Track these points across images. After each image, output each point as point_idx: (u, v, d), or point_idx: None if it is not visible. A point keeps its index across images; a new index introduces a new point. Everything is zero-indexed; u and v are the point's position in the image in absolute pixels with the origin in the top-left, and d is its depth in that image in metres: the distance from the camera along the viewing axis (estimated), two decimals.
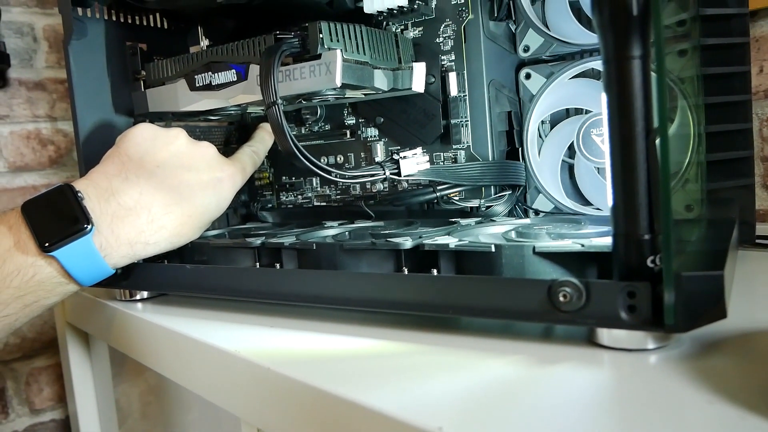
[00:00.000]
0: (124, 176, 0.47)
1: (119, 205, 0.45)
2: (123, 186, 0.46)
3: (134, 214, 0.45)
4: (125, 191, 0.46)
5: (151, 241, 0.46)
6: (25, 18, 0.88)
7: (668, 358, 0.30)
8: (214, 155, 0.51)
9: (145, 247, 0.46)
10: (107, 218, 0.44)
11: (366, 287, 0.40)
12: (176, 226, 0.47)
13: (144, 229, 0.46)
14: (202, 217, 0.49)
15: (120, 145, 0.49)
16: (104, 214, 0.44)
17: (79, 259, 0.43)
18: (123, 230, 0.45)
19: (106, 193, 0.45)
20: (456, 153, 0.56)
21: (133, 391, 0.79)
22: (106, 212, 0.45)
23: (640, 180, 0.30)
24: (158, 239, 0.47)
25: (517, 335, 0.36)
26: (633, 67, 0.30)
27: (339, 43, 0.46)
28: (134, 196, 0.46)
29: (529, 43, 0.55)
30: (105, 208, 0.45)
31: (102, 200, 0.45)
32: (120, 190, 0.46)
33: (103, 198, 0.45)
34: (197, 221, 0.49)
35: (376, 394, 0.29)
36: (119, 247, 0.45)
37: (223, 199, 0.51)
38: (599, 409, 0.26)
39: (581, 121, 0.53)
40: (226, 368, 0.39)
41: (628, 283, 0.30)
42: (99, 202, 0.45)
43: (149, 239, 0.46)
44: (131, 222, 0.45)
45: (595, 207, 0.55)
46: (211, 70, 0.51)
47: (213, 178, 0.49)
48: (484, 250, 0.39)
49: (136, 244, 0.46)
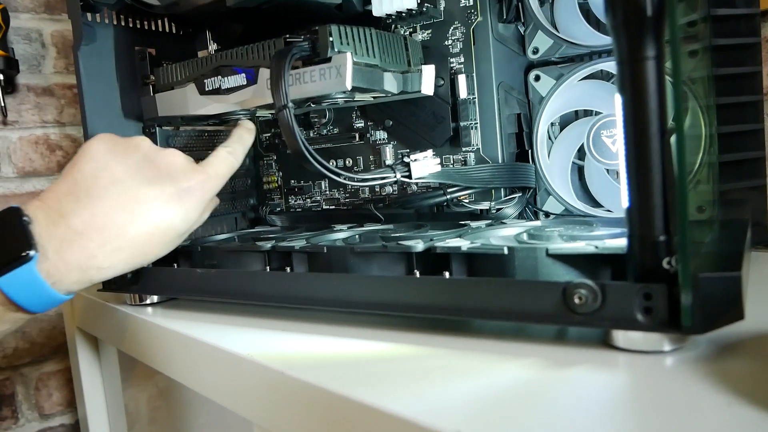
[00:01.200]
0: (75, 196, 0.43)
1: (68, 229, 0.42)
2: (73, 207, 0.43)
3: (85, 238, 0.42)
4: (75, 213, 0.43)
5: (105, 265, 0.43)
6: (33, 24, 0.88)
7: (685, 360, 0.30)
8: (180, 164, 0.47)
9: (99, 271, 0.43)
10: (55, 243, 0.41)
11: (378, 290, 0.39)
12: (134, 248, 0.44)
13: (95, 254, 0.42)
14: (167, 233, 0.46)
15: (75, 160, 0.45)
16: (52, 239, 0.41)
17: (23, 287, 0.40)
18: (72, 256, 0.42)
19: (55, 216, 0.42)
20: (465, 155, 0.56)
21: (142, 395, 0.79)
22: (54, 237, 0.41)
23: (656, 181, 0.30)
24: (113, 262, 0.43)
25: (531, 338, 0.36)
26: (647, 68, 0.30)
27: (349, 46, 0.46)
28: (84, 218, 0.42)
29: (538, 45, 0.55)
30: (53, 232, 0.42)
31: (50, 224, 0.42)
32: (69, 212, 0.42)
33: (52, 221, 0.42)
34: (161, 239, 0.45)
35: (391, 398, 0.29)
36: (69, 273, 0.42)
37: (191, 210, 0.47)
38: (616, 412, 0.26)
39: (591, 122, 0.53)
40: (238, 372, 0.39)
41: (644, 285, 0.30)
42: (47, 226, 0.42)
43: (102, 263, 0.43)
44: (81, 246, 0.42)
45: (605, 209, 0.55)
46: (221, 74, 0.51)
47: (177, 189, 0.46)
48: (497, 252, 0.39)
49: (89, 270, 0.42)
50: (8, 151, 0.87)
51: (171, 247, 0.47)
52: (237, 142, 0.53)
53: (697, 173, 0.44)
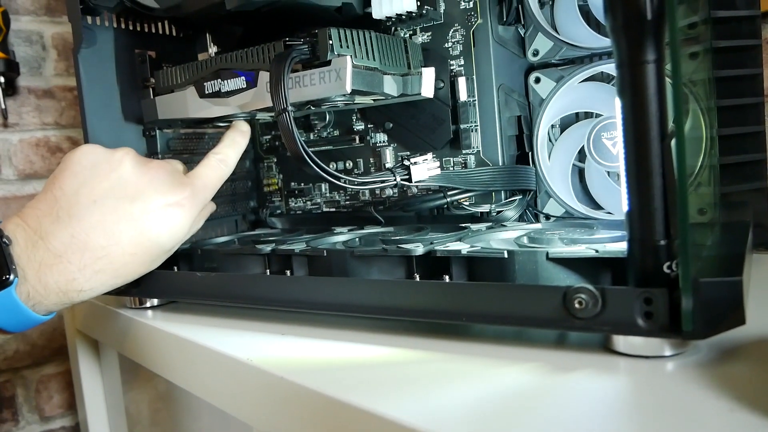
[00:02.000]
0: (55, 215, 0.42)
1: (48, 251, 0.41)
2: (52, 228, 0.41)
3: (64, 261, 0.41)
4: (54, 234, 0.41)
5: (86, 288, 0.42)
6: (34, 26, 0.88)
7: (686, 365, 0.30)
8: (165, 177, 0.46)
9: (80, 294, 0.42)
10: (35, 266, 0.40)
11: (378, 294, 0.39)
12: (116, 268, 0.43)
13: (76, 277, 0.41)
14: (152, 251, 0.44)
15: (56, 175, 0.44)
16: (31, 262, 0.40)
17: (2, 310, 0.39)
18: (51, 279, 0.41)
19: (35, 237, 0.41)
20: (466, 158, 0.55)
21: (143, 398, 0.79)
22: (33, 259, 0.40)
23: (656, 185, 0.30)
24: (94, 285, 0.42)
25: (531, 342, 0.36)
26: (647, 72, 0.30)
27: (349, 49, 0.46)
28: (64, 239, 0.41)
29: (538, 47, 0.55)
30: (32, 254, 0.41)
31: (30, 245, 0.41)
32: (49, 233, 0.41)
33: (31, 242, 0.41)
34: (146, 257, 0.44)
35: (391, 403, 0.29)
36: (49, 295, 0.41)
37: (178, 226, 0.45)
38: (617, 417, 0.26)
39: (592, 124, 0.53)
40: (237, 376, 0.39)
41: (645, 290, 0.30)
42: (26, 248, 0.41)
43: (83, 286, 0.42)
44: (60, 270, 0.41)
45: (606, 211, 0.55)
46: (221, 77, 0.51)
47: (163, 204, 0.44)
48: (497, 256, 0.39)
49: (69, 292, 0.41)
50: (9, 153, 0.87)
51: (157, 263, 0.46)
52: (229, 146, 0.51)
53: (698, 176, 0.44)
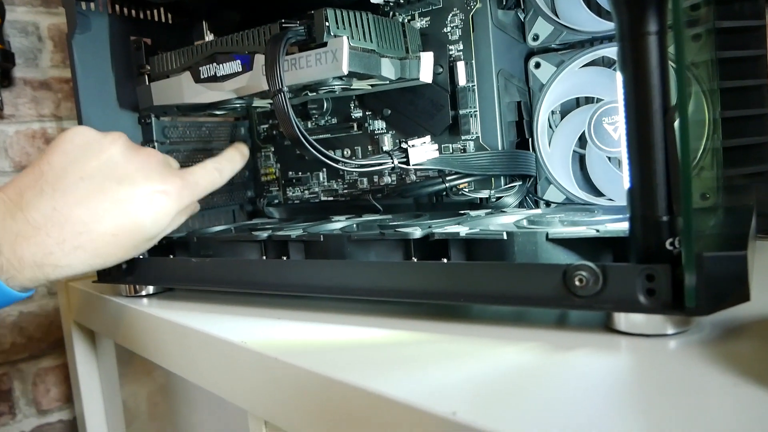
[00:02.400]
0: (39, 189, 0.41)
1: (26, 222, 0.40)
2: (35, 200, 0.41)
3: (42, 233, 0.40)
4: (36, 206, 0.41)
5: (63, 263, 0.41)
6: (29, 17, 0.88)
7: (689, 343, 0.29)
8: (157, 165, 0.45)
9: (55, 269, 0.41)
10: (10, 237, 0.40)
11: (375, 276, 0.39)
12: (97, 248, 0.42)
13: (53, 251, 0.40)
14: (134, 235, 0.44)
15: (46, 152, 0.44)
16: (7, 233, 0.40)
17: None
18: (27, 251, 0.40)
19: (15, 208, 0.40)
20: (465, 144, 0.55)
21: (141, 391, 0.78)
22: (10, 231, 0.40)
23: (658, 160, 0.29)
24: (72, 262, 0.41)
25: (532, 323, 0.35)
26: (649, 44, 0.29)
27: (345, 30, 0.45)
28: (45, 212, 0.41)
29: (538, 32, 0.54)
30: (10, 225, 0.40)
31: (8, 216, 0.40)
32: (30, 205, 0.41)
33: (9, 214, 0.40)
34: (128, 240, 0.43)
35: (387, 382, 0.28)
36: (23, 269, 0.40)
37: (162, 215, 0.45)
38: (618, 394, 0.25)
39: (593, 109, 0.52)
40: (232, 360, 0.38)
41: (647, 266, 0.29)
42: (4, 219, 0.40)
43: (59, 261, 0.41)
44: (38, 242, 0.40)
45: (607, 198, 0.54)
46: (216, 62, 0.51)
47: (151, 190, 0.44)
48: (496, 237, 0.38)
49: (45, 266, 0.40)
50: (5, 145, 0.87)
51: (137, 251, 0.45)
52: (227, 160, 0.52)
53: (701, 159, 0.44)
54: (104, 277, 0.54)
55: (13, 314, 0.88)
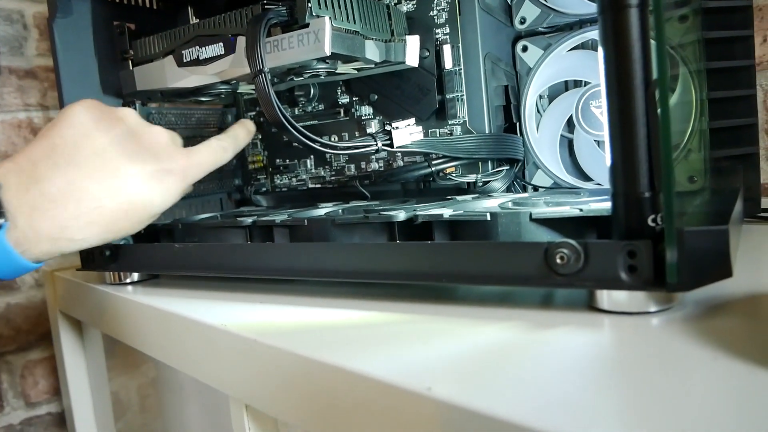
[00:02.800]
0: (53, 162, 0.41)
1: (42, 196, 0.40)
2: (49, 173, 0.41)
3: (59, 207, 0.40)
4: (50, 179, 0.40)
5: (78, 237, 0.41)
6: (14, 5, 0.87)
7: (670, 320, 0.29)
8: (165, 143, 0.46)
9: (70, 243, 0.41)
10: (26, 210, 0.40)
11: (359, 258, 0.38)
12: (109, 222, 0.42)
13: (68, 224, 0.41)
14: (142, 211, 0.44)
15: (56, 123, 0.43)
16: (22, 206, 0.39)
17: None
18: (43, 224, 0.40)
19: (29, 181, 0.40)
20: (452, 128, 0.54)
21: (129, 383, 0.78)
22: (25, 203, 0.40)
23: (640, 135, 0.29)
24: (86, 235, 0.42)
25: (515, 303, 0.35)
26: (630, 16, 0.29)
27: (328, 10, 0.44)
28: (60, 185, 0.41)
29: (525, 15, 0.54)
30: (24, 198, 0.40)
31: (22, 189, 0.40)
32: (45, 178, 0.40)
33: (24, 187, 0.40)
34: (136, 216, 0.44)
35: (365, 360, 0.28)
36: (39, 242, 0.40)
37: (169, 192, 0.45)
38: (598, 370, 0.25)
39: (580, 93, 0.52)
40: (213, 344, 0.38)
41: (629, 243, 0.29)
42: (18, 192, 0.40)
43: (74, 235, 0.41)
44: (54, 216, 0.40)
45: (595, 182, 0.54)
46: (199, 45, 0.50)
47: (159, 168, 0.44)
48: (479, 218, 0.38)
49: (59, 240, 0.41)
50: None
51: (143, 225, 0.45)
52: (231, 138, 0.51)
53: (689, 141, 0.43)
54: (88, 264, 0.54)
55: (0, 306, 0.87)
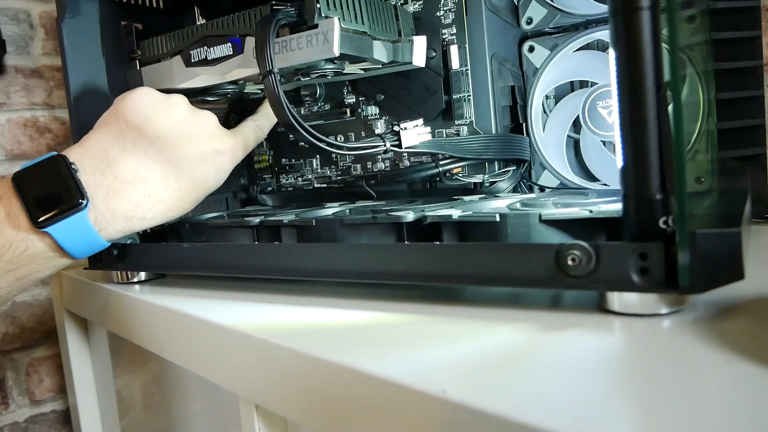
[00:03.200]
0: (121, 145, 0.44)
1: (115, 178, 0.43)
2: (120, 156, 0.44)
3: (131, 188, 0.44)
4: (122, 162, 0.44)
5: (148, 216, 0.45)
6: (21, 4, 0.87)
7: (682, 322, 0.29)
8: (215, 126, 0.49)
9: (142, 221, 0.45)
10: (102, 191, 0.43)
11: (368, 258, 0.38)
12: (174, 201, 0.46)
13: (141, 204, 0.44)
14: (200, 190, 0.47)
15: (118, 110, 0.46)
16: (99, 187, 0.43)
17: (74, 234, 0.42)
18: (119, 205, 0.43)
19: (102, 164, 0.43)
20: (459, 128, 0.54)
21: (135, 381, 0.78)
22: (101, 185, 0.43)
23: (651, 137, 0.29)
24: (155, 214, 0.45)
25: (525, 304, 0.35)
26: (642, 19, 0.29)
27: (337, 11, 0.44)
28: (131, 167, 0.44)
29: (532, 15, 0.54)
30: (100, 180, 0.43)
31: (97, 172, 0.43)
32: (117, 161, 0.44)
33: (98, 170, 0.43)
34: (194, 194, 0.47)
35: (377, 362, 0.28)
36: (115, 221, 0.43)
37: (221, 171, 0.48)
38: (611, 372, 0.25)
39: (587, 94, 0.52)
40: (222, 344, 0.38)
41: (640, 244, 0.29)
42: (94, 175, 0.43)
43: (146, 214, 0.44)
44: (128, 196, 0.43)
45: (602, 183, 0.54)
46: (207, 45, 0.50)
47: (212, 149, 0.47)
48: (489, 220, 0.38)
49: (132, 219, 0.44)
50: None
51: (198, 202, 0.49)
52: (264, 116, 0.55)
53: (696, 142, 0.43)
54: (96, 263, 0.54)
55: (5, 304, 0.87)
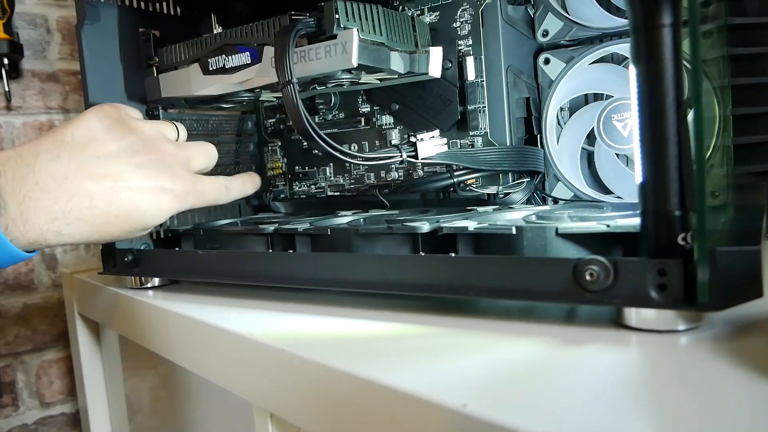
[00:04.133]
0: (55, 155, 0.42)
1: (36, 184, 0.41)
2: (49, 165, 0.41)
3: (50, 199, 0.41)
4: (49, 171, 0.41)
5: (65, 232, 0.42)
6: (38, 9, 0.88)
7: (701, 339, 0.29)
8: (173, 163, 0.46)
9: (58, 236, 0.42)
10: (18, 198, 0.40)
11: (383, 269, 0.39)
12: (98, 224, 0.43)
13: (59, 217, 0.41)
14: (134, 222, 0.45)
15: (71, 122, 0.44)
16: (16, 193, 0.40)
17: None
18: (33, 213, 0.40)
19: (26, 170, 0.41)
20: (473, 139, 0.55)
21: (144, 384, 0.78)
22: (18, 191, 0.40)
23: (671, 153, 0.29)
24: (73, 232, 0.42)
25: (541, 318, 0.35)
26: (663, 36, 0.29)
27: (355, 22, 0.45)
28: (57, 177, 0.41)
29: (548, 28, 0.54)
30: (19, 186, 0.40)
31: (18, 177, 0.40)
32: (43, 168, 0.41)
33: (20, 175, 0.40)
34: (126, 225, 0.45)
35: (395, 374, 0.28)
36: (27, 231, 0.41)
37: (162, 211, 0.46)
38: (630, 388, 0.25)
39: (602, 106, 0.52)
40: (238, 352, 0.38)
41: (659, 261, 0.29)
42: (13, 179, 0.40)
43: (62, 229, 0.42)
44: (45, 207, 0.41)
45: (616, 195, 0.54)
46: (225, 53, 0.50)
47: (159, 186, 0.45)
48: (505, 232, 0.38)
49: (47, 232, 0.41)
50: (12, 136, 0.87)
51: (132, 235, 0.46)
52: (239, 183, 0.53)
53: (712, 157, 0.43)
54: (110, 268, 0.54)
55: (17, 306, 0.88)
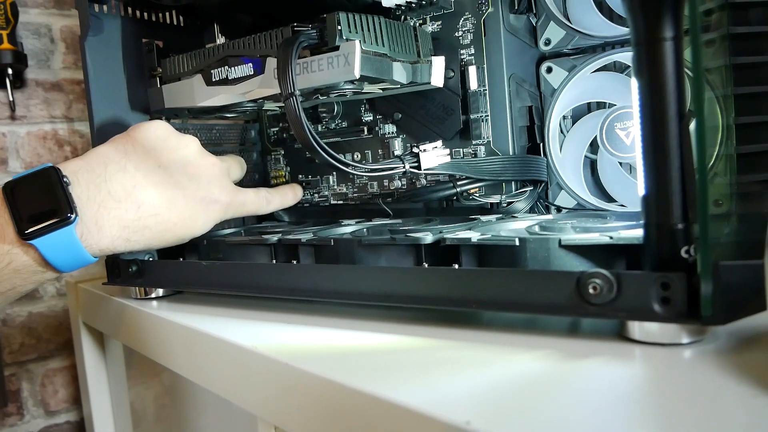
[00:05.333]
0: (122, 164, 0.44)
1: (109, 194, 0.43)
2: (118, 175, 0.44)
3: (122, 208, 0.43)
4: (119, 180, 0.44)
5: (133, 239, 0.44)
6: (42, 19, 0.88)
7: (704, 352, 0.29)
8: (219, 176, 0.49)
9: (126, 243, 0.44)
10: (93, 206, 0.42)
11: (386, 281, 0.39)
12: (160, 231, 0.45)
13: (129, 225, 0.44)
14: (186, 229, 0.47)
15: (130, 133, 0.47)
16: (91, 202, 0.42)
17: (59, 248, 0.41)
18: (107, 222, 0.43)
19: (98, 179, 0.43)
20: (476, 148, 0.55)
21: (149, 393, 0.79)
22: (93, 200, 0.42)
23: (674, 166, 0.29)
24: (139, 239, 0.45)
25: (543, 330, 0.35)
26: (665, 50, 0.29)
27: (357, 34, 0.45)
28: (127, 187, 0.44)
29: (550, 36, 0.54)
30: (93, 195, 0.42)
31: (92, 186, 0.43)
32: (113, 178, 0.44)
33: (94, 184, 0.43)
34: (180, 232, 0.47)
35: (399, 389, 0.28)
36: (101, 238, 0.43)
37: (210, 220, 0.49)
38: (634, 403, 0.25)
39: (605, 115, 0.52)
40: (242, 365, 0.38)
41: (662, 274, 0.29)
42: (88, 188, 0.42)
43: (131, 236, 0.44)
44: (117, 215, 0.43)
45: (619, 203, 0.54)
46: (228, 64, 0.51)
47: (209, 197, 0.48)
48: (508, 243, 0.38)
49: (117, 239, 0.43)
50: (16, 146, 0.87)
51: (182, 241, 0.49)
52: (279, 194, 0.57)
53: (715, 166, 0.43)
54: (114, 279, 0.54)
55: (22, 315, 0.88)
